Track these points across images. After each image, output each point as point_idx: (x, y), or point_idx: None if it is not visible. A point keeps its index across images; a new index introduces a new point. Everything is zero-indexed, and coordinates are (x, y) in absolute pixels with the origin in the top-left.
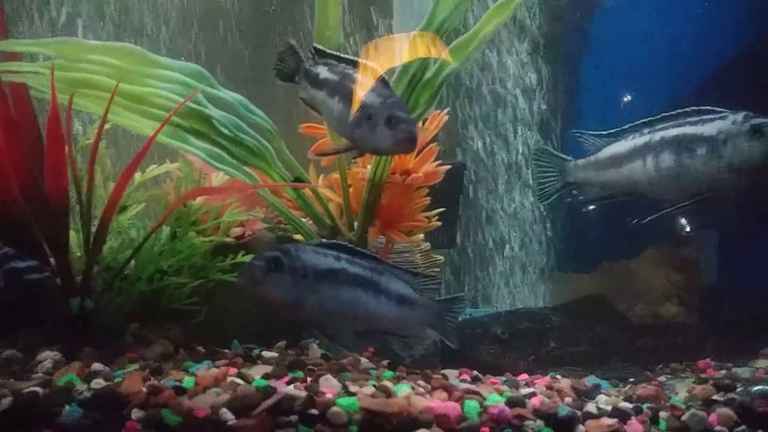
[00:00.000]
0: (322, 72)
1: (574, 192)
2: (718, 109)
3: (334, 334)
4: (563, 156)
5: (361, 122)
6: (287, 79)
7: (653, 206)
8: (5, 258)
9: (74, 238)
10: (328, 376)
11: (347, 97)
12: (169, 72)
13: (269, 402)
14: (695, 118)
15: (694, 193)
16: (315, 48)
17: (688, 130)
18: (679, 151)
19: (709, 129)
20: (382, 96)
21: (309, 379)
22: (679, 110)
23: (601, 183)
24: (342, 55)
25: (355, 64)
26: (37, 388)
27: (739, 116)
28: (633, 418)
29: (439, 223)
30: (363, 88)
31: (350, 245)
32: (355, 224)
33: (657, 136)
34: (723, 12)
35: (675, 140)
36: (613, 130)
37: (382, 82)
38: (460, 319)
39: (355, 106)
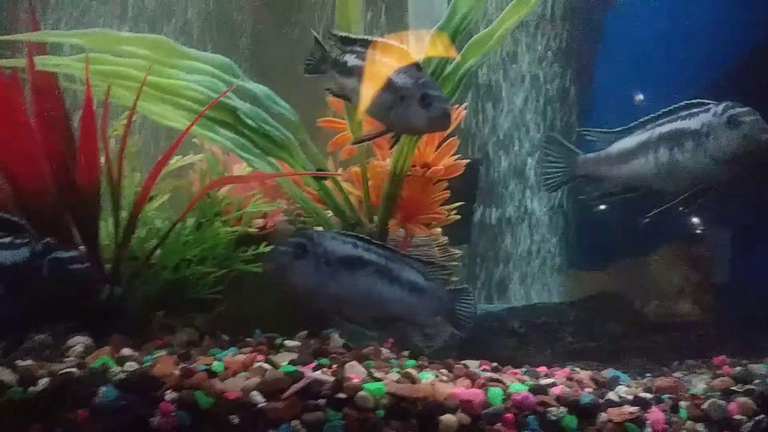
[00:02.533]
0: (351, 59)
1: (586, 187)
2: (706, 102)
3: (356, 320)
4: (574, 149)
5: (394, 104)
6: (312, 72)
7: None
8: (48, 248)
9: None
10: (354, 363)
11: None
12: (197, 63)
13: (298, 386)
14: (685, 112)
15: (687, 187)
16: (341, 36)
17: (678, 124)
18: (671, 146)
19: (694, 123)
20: (414, 76)
21: (334, 365)
22: (675, 105)
23: (609, 178)
24: (369, 38)
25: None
26: (73, 370)
27: (720, 107)
28: (654, 406)
29: (458, 217)
30: (394, 70)
31: (363, 236)
32: (375, 217)
33: (655, 132)
34: (739, 8)
35: (667, 135)
36: (621, 128)
37: (413, 63)
38: (473, 310)
39: (387, 88)
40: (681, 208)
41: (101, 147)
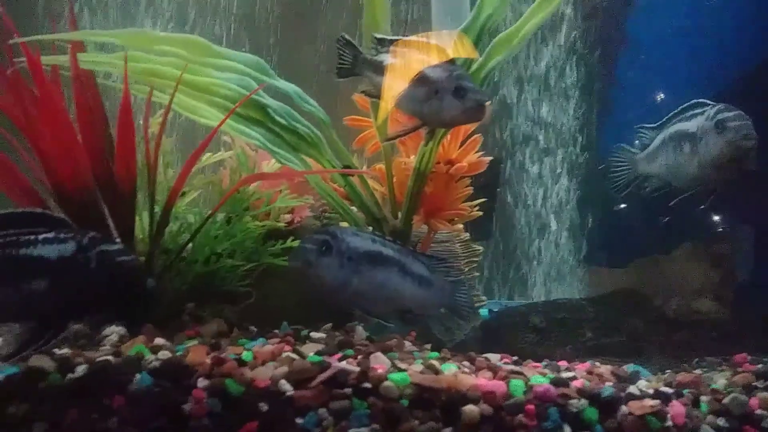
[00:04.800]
0: (386, 59)
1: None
2: (709, 103)
3: (377, 314)
4: (632, 149)
5: (429, 97)
6: (344, 75)
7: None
8: (94, 241)
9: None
10: (378, 354)
11: (414, 77)
12: (230, 62)
13: (325, 375)
14: (689, 113)
15: (691, 187)
16: (377, 37)
17: (680, 126)
18: (675, 147)
19: (692, 125)
20: (447, 70)
21: (359, 356)
22: (685, 104)
23: (647, 175)
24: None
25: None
26: (110, 357)
27: (713, 110)
28: (675, 400)
29: (481, 213)
30: (428, 65)
31: (376, 232)
32: (399, 213)
33: (666, 132)
34: (762, 6)
35: (674, 136)
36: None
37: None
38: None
39: (421, 82)
40: (702, 207)
41: (139, 143)
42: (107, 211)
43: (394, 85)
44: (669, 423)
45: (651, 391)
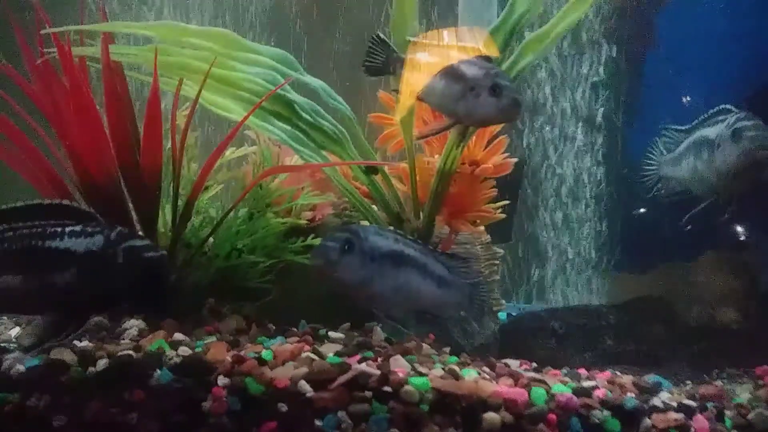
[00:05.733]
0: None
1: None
2: (734, 110)
3: (397, 315)
4: (662, 148)
5: (464, 95)
6: (377, 73)
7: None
8: (122, 236)
9: None
10: (398, 357)
11: (449, 74)
12: (258, 56)
13: (346, 377)
14: (714, 120)
15: (711, 195)
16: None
17: (703, 132)
18: (696, 153)
19: (713, 131)
20: (484, 67)
21: (379, 359)
22: (714, 110)
23: (670, 178)
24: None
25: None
26: (131, 352)
27: (732, 118)
28: (699, 414)
29: (504, 215)
30: (464, 62)
31: (398, 231)
32: (421, 213)
33: (693, 137)
34: None
35: (696, 142)
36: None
37: (483, 56)
38: (491, 303)
39: (456, 79)
40: (723, 216)
41: (166, 136)
42: (131, 203)
43: (414, 81)
44: None
45: (674, 404)
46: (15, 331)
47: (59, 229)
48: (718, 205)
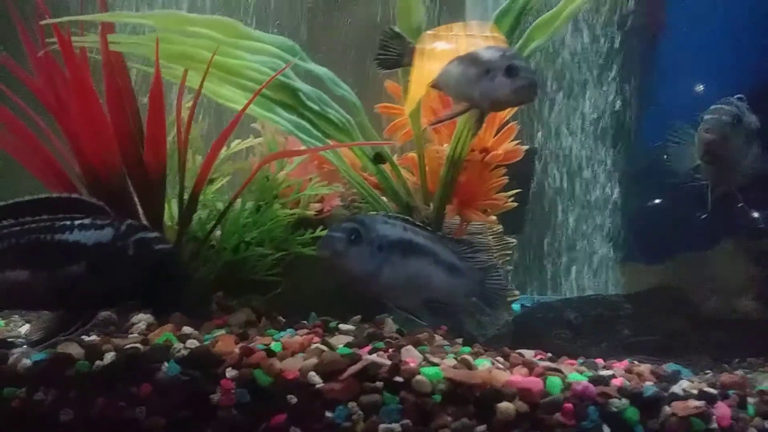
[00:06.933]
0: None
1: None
2: (731, 99)
3: (408, 305)
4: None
5: (480, 78)
6: (391, 67)
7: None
8: (132, 229)
9: None
10: (409, 347)
11: (465, 58)
12: (261, 44)
13: (356, 367)
14: (713, 107)
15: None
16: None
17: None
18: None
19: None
20: (499, 50)
21: (390, 349)
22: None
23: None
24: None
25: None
26: (138, 345)
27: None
28: (720, 401)
29: (515, 204)
30: (480, 48)
31: (407, 217)
32: (431, 203)
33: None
34: None
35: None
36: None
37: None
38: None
39: (472, 63)
40: (740, 204)
41: (171, 127)
42: (136, 196)
43: (425, 71)
44: (714, 425)
45: (695, 392)
46: (25, 329)
47: (68, 222)
48: (732, 194)
